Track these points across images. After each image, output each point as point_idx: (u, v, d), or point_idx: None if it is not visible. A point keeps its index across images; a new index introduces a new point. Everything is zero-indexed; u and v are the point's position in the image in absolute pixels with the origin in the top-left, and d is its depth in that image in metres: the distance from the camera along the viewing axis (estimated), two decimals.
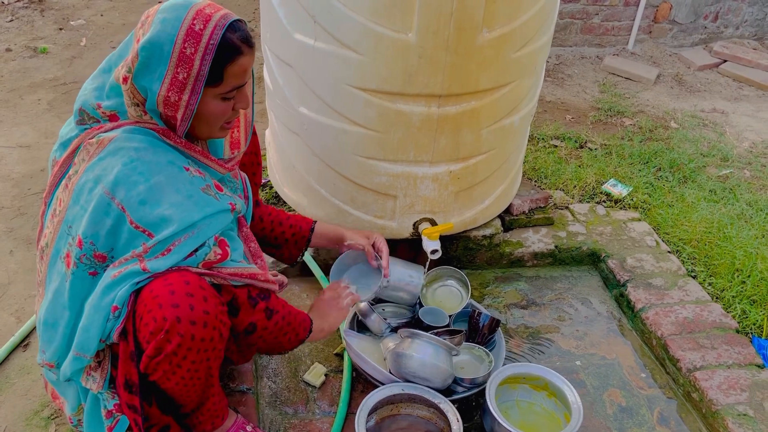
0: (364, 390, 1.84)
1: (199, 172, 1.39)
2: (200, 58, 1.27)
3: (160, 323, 1.27)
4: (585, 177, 2.92)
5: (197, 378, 1.37)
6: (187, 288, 1.29)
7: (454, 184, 2.14)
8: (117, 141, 1.31)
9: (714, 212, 2.74)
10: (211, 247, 1.36)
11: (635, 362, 2.11)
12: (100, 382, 1.39)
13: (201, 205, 1.33)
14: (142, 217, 1.28)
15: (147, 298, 1.29)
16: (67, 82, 3.69)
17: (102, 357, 1.41)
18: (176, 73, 1.27)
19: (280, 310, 1.52)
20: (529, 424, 1.81)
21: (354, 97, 1.93)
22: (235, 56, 1.31)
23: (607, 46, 4.67)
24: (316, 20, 1.86)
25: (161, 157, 1.32)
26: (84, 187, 1.30)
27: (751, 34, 4.97)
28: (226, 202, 1.41)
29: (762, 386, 1.90)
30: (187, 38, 1.25)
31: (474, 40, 1.83)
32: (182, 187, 1.32)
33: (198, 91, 1.30)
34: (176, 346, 1.29)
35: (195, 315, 1.28)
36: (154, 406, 1.43)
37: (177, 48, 1.25)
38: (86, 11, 4.78)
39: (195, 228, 1.32)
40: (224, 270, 1.38)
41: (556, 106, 3.87)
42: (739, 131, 3.73)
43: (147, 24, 1.29)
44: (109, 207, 1.27)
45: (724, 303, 2.26)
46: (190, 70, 1.27)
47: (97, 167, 1.30)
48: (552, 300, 2.35)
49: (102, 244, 1.30)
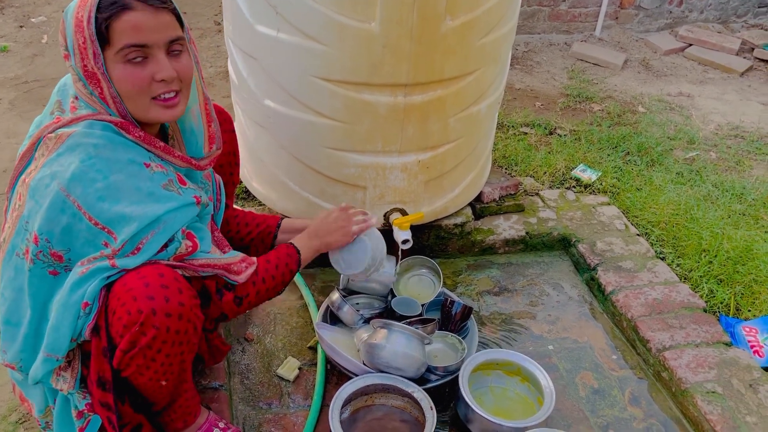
0: (339, 382, 1.84)
1: (160, 167, 1.36)
2: (86, 18, 1.24)
3: (135, 316, 1.25)
4: (555, 163, 2.94)
5: (170, 373, 1.36)
6: (161, 280, 1.28)
7: (424, 174, 2.14)
8: (75, 136, 1.28)
9: (681, 194, 2.78)
10: (181, 241, 1.35)
11: (606, 344, 2.13)
12: (71, 381, 1.37)
13: (162, 201, 1.32)
14: (100, 214, 1.25)
15: (120, 292, 1.27)
16: (28, 80, 3.61)
17: (72, 356, 1.38)
18: (76, 39, 1.25)
19: (250, 290, 1.52)
20: (502, 409, 1.82)
21: (319, 88, 1.91)
22: (118, 10, 1.24)
23: (574, 32, 4.71)
24: (278, 11, 1.84)
25: (121, 154, 1.30)
26: (40, 183, 1.27)
27: (715, 18, 5.04)
28: (190, 196, 1.39)
29: (729, 363, 1.94)
30: (80, 5, 1.25)
31: (437, 28, 1.82)
32: (142, 185, 1.30)
33: (98, 54, 1.25)
34: (151, 338, 1.28)
35: (170, 307, 1.27)
36: (126, 404, 1.41)
37: (75, 15, 1.25)
38: (47, 8, 4.68)
39: (160, 223, 1.30)
40: (195, 261, 1.38)
41: (525, 93, 3.89)
42: (705, 114, 3.78)
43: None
44: (65, 204, 1.25)
45: (691, 283, 2.30)
46: (84, 33, 1.24)
47: (54, 163, 1.27)
48: (524, 286, 2.37)
49: (57, 242, 1.27)
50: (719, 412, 1.79)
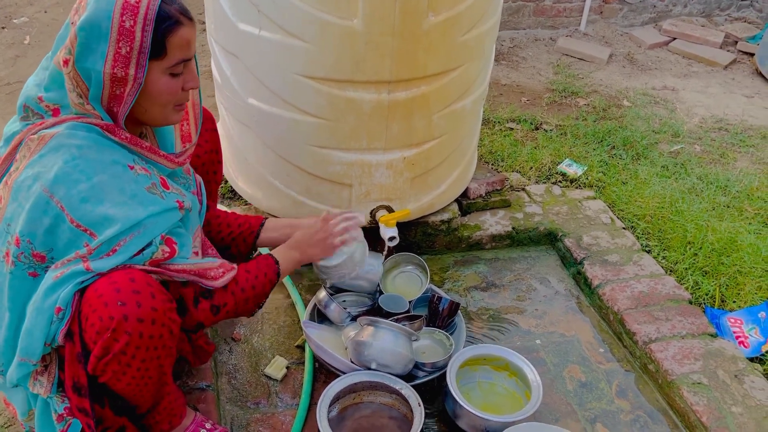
0: (327, 381, 1.84)
1: (144, 170, 1.36)
2: (141, 29, 1.25)
3: (107, 322, 1.24)
4: (541, 158, 2.94)
5: (148, 377, 1.35)
6: (132, 285, 1.26)
7: (409, 171, 2.14)
8: (59, 137, 1.27)
9: (666, 187, 2.80)
10: (158, 246, 1.33)
11: (594, 338, 2.14)
12: (48, 386, 1.36)
13: (146, 204, 1.31)
14: (83, 216, 1.25)
15: (92, 298, 1.26)
16: (11, 82, 3.58)
17: (49, 360, 1.37)
18: (118, 48, 1.25)
19: (228, 300, 1.49)
20: (490, 404, 1.83)
21: (303, 86, 1.91)
22: (175, 26, 1.29)
23: (559, 27, 4.72)
24: (260, 9, 1.83)
25: (105, 155, 1.29)
26: (23, 185, 1.26)
27: (699, 12, 5.06)
28: (173, 200, 1.38)
29: (715, 355, 1.96)
30: (124, 12, 1.24)
31: (420, 24, 1.82)
32: (126, 187, 1.30)
33: (143, 64, 1.27)
34: (124, 345, 1.26)
35: (142, 312, 1.26)
36: (106, 407, 1.40)
37: (115, 22, 1.24)
38: (29, 8, 4.63)
39: (140, 227, 1.30)
40: (171, 267, 1.36)
41: (511, 89, 3.90)
42: (689, 107, 3.80)
43: (81, 7, 1.26)
44: (48, 205, 1.24)
45: (677, 275, 2.32)
46: (132, 43, 1.25)
47: (37, 164, 1.26)
48: (511, 281, 2.37)
49: (40, 243, 1.26)
50: (705, 403, 1.80)
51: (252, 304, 1.57)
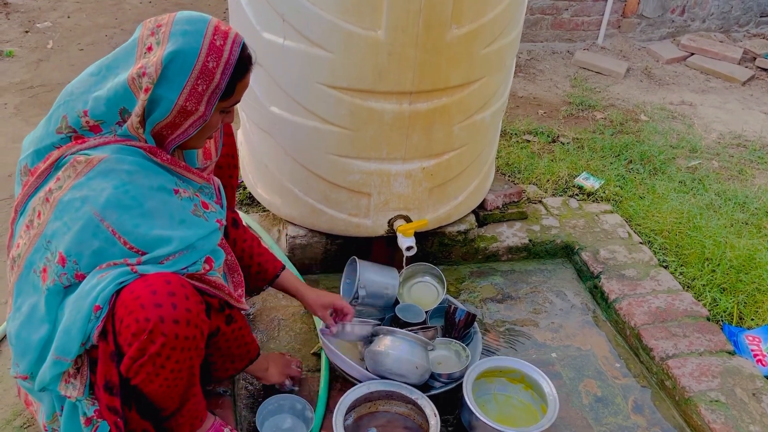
0: (342, 389, 1.84)
1: (186, 192, 1.42)
2: (221, 72, 1.33)
3: (143, 324, 1.26)
4: (558, 171, 2.94)
5: (180, 378, 1.37)
6: (168, 287, 1.29)
7: (428, 181, 2.15)
8: (108, 162, 1.31)
9: (684, 203, 2.79)
10: (201, 264, 1.40)
11: (610, 352, 2.14)
12: (81, 388, 1.37)
13: (194, 228, 1.38)
14: (138, 239, 1.30)
15: (127, 300, 1.28)
16: (34, 85, 3.63)
17: (80, 363, 1.39)
18: (196, 85, 1.32)
19: (239, 320, 1.58)
20: (506, 416, 1.82)
21: (325, 95, 1.92)
22: (245, 73, 1.40)
23: (577, 41, 4.72)
24: (285, 19, 1.85)
25: (153, 180, 1.35)
26: (70, 205, 1.30)
27: (717, 27, 5.06)
28: (214, 220, 1.45)
29: (733, 372, 1.94)
30: (210, 52, 1.31)
31: (443, 36, 1.83)
32: (175, 213, 1.37)
33: (213, 103, 1.36)
34: (160, 346, 1.29)
35: (178, 314, 1.29)
36: (133, 410, 1.41)
37: (201, 60, 1.31)
38: (53, 13, 4.70)
39: (191, 248, 1.37)
40: (210, 278, 1.43)
41: (528, 101, 3.91)
42: (707, 123, 3.79)
43: (163, 35, 1.31)
44: (98, 228, 1.28)
45: (694, 292, 2.30)
46: (210, 83, 1.33)
47: (85, 187, 1.30)
48: (527, 293, 2.37)
49: (86, 264, 1.30)
50: (722, 421, 1.79)
51: (236, 351, 1.65)
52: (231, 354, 1.63)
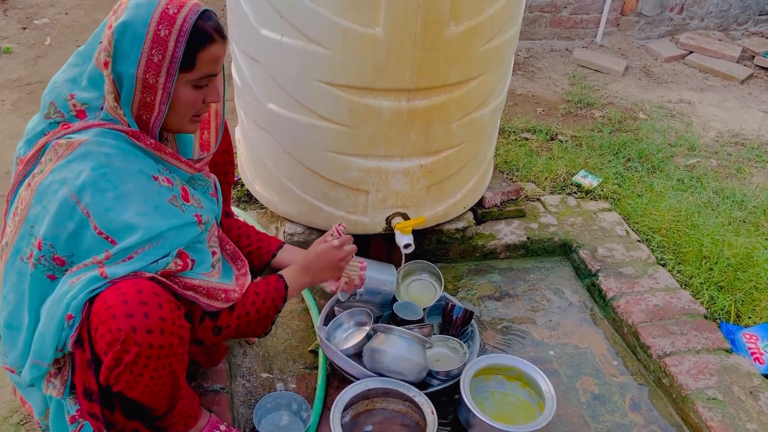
0: (340, 386, 1.84)
1: (167, 180, 1.39)
2: (174, 40, 1.28)
3: (116, 334, 1.24)
4: (556, 169, 2.94)
5: (162, 384, 1.36)
6: (140, 296, 1.26)
7: (426, 178, 2.15)
8: (88, 144, 1.29)
9: (682, 201, 2.79)
10: (172, 258, 1.35)
11: (607, 350, 2.14)
12: (61, 388, 1.37)
13: (167, 216, 1.34)
14: (107, 224, 1.27)
15: (100, 309, 1.26)
16: (31, 82, 3.62)
17: (62, 363, 1.38)
18: (151, 55, 1.28)
19: (231, 322, 1.52)
20: (503, 414, 1.82)
21: (323, 92, 1.92)
22: (207, 42, 1.33)
23: (576, 38, 4.72)
24: (283, 16, 1.84)
25: (131, 164, 1.32)
26: (49, 188, 1.28)
27: (716, 25, 5.05)
28: (191, 214, 1.41)
29: (730, 370, 1.94)
30: (161, 20, 1.27)
31: (441, 33, 1.83)
32: (150, 198, 1.32)
33: (173, 74, 1.30)
34: (134, 356, 1.27)
35: (150, 323, 1.26)
36: (117, 412, 1.40)
37: (151, 29, 1.27)
38: (50, 10, 4.69)
39: (160, 238, 1.32)
40: (181, 280, 1.38)
41: (526, 99, 3.90)
42: (705, 121, 3.79)
43: (120, 10, 1.29)
44: (74, 211, 1.26)
45: (692, 290, 2.31)
46: (165, 52, 1.28)
47: (64, 169, 1.28)
48: (525, 291, 2.37)
49: (62, 248, 1.28)
50: (720, 419, 1.79)
51: (255, 327, 1.59)
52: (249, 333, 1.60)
